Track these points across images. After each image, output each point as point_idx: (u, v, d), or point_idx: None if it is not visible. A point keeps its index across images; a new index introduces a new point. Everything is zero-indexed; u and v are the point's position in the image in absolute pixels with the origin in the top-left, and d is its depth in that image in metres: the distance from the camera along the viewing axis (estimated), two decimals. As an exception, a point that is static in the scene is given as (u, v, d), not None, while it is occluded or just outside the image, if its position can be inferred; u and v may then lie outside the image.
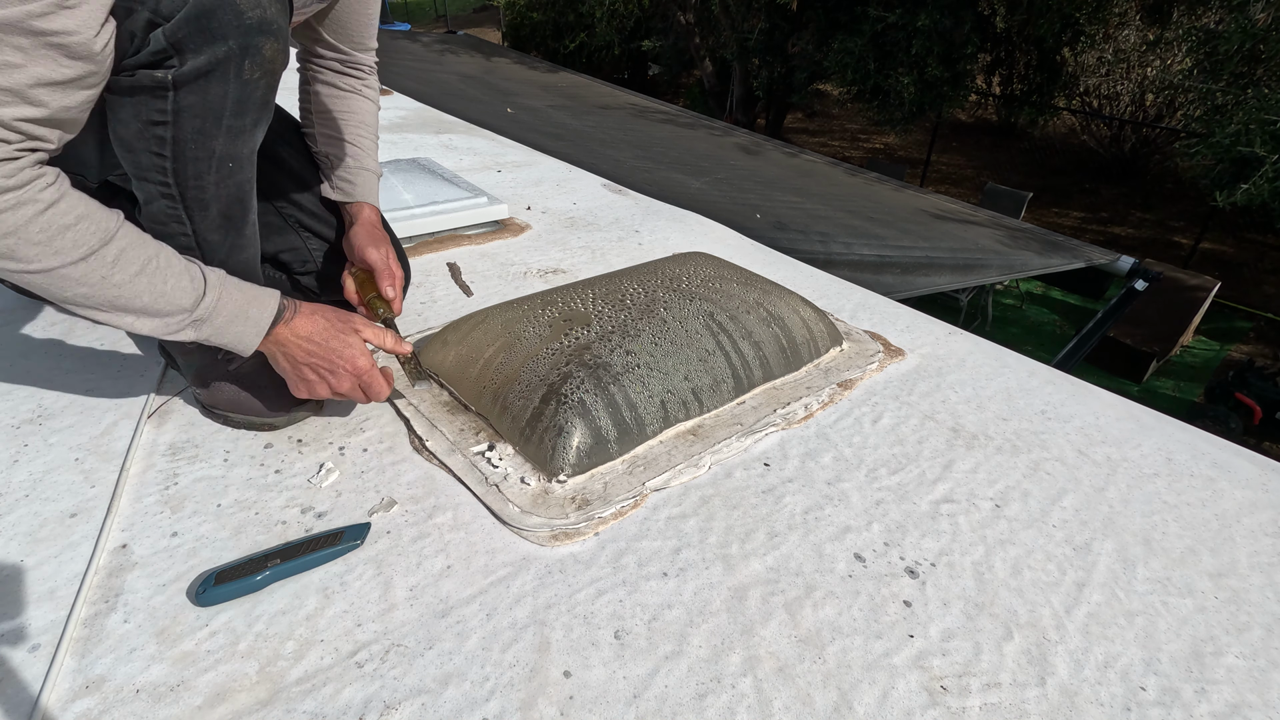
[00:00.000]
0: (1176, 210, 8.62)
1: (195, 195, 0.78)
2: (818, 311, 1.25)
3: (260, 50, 0.73)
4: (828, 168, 5.11)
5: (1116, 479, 0.99)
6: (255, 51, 0.72)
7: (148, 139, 0.73)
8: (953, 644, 0.72)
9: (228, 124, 0.75)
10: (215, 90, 0.72)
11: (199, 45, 0.68)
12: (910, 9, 7.21)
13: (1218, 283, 5.95)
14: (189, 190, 0.77)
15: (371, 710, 0.61)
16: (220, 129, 0.75)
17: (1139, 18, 8.24)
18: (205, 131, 0.74)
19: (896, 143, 10.86)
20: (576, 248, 1.67)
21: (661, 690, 0.65)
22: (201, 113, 0.72)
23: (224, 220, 0.83)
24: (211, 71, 0.70)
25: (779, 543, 0.83)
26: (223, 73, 0.71)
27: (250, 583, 0.71)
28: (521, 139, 2.79)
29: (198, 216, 0.80)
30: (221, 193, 0.80)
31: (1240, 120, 5.30)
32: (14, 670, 0.62)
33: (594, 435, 0.91)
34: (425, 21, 17.43)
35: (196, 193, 0.78)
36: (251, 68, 0.73)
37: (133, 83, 0.69)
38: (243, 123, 0.77)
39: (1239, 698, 0.69)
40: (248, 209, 0.86)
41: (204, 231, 0.82)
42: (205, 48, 0.69)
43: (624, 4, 10.29)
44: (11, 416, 0.94)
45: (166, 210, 0.79)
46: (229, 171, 0.79)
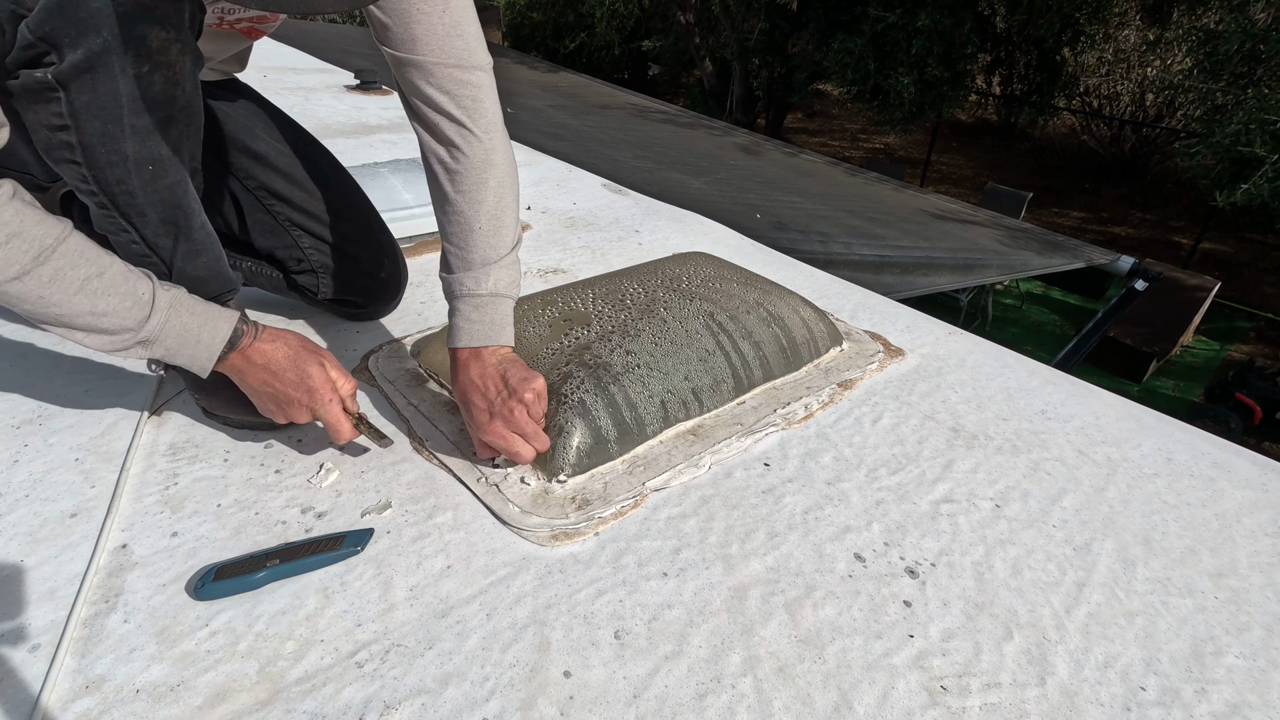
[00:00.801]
0: (1176, 210, 8.63)
1: (126, 202, 0.75)
2: (818, 311, 1.25)
3: (144, 40, 0.68)
4: (828, 168, 5.11)
5: (1116, 479, 0.99)
6: (137, 42, 0.67)
7: (58, 145, 0.70)
8: (953, 644, 0.72)
9: (130, 124, 0.71)
10: (105, 88, 0.68)
11: (73, 39, 0.65)
12: (910, 9, 7.21)
13: (1218, 283, 5.95)
14: (118, 197, 0.75)
15: (371, 710, 0.61)
16: (124, 130, 0.71)
17: (1139, 18, 8.24)
18: (110, 134, 0.70)
19: (896, 143, 10.86)
20: (576, 248, 1.67)
21: (661, 690, 0.65)
22: (99, 113, 0.69)
23: (166, 226, 0.80)
24: (94, 68, 0.66)
25: (779, 543, 0.83)
26: (106, 68, 0.67)
27: (250, 580, 0.71)
28: (521, 139, 2.79)
29: (139, 223, 0.78)
30: (154, 198, 0.77)
31: (1240, 120, 5.30)
32: (14, 670, 0.62)
33: (594, 435, 0.91)
34: (425, 21, 17.40)
35: (126, 199, 0.75)
36: (137, 61, 0.68)
37: (20, 85, 0.66)
38: (147, 121, 0.72)
39: (1239, 698, 0.69)
40: (190, 213, 0.82)
41: (152, 238, 0.80)
42: (80, 40, 0.65)
43: (624, 4, 10.29)
44: (11, 416, 0.94)
45: (107, 220, 0.77)
46: (151, 175, 0.75)
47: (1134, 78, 9.01)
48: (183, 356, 0.77)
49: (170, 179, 0.78)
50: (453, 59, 0.83)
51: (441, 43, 0.82)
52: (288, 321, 1.23)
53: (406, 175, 1.87)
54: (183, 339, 0.76)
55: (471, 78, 0.85)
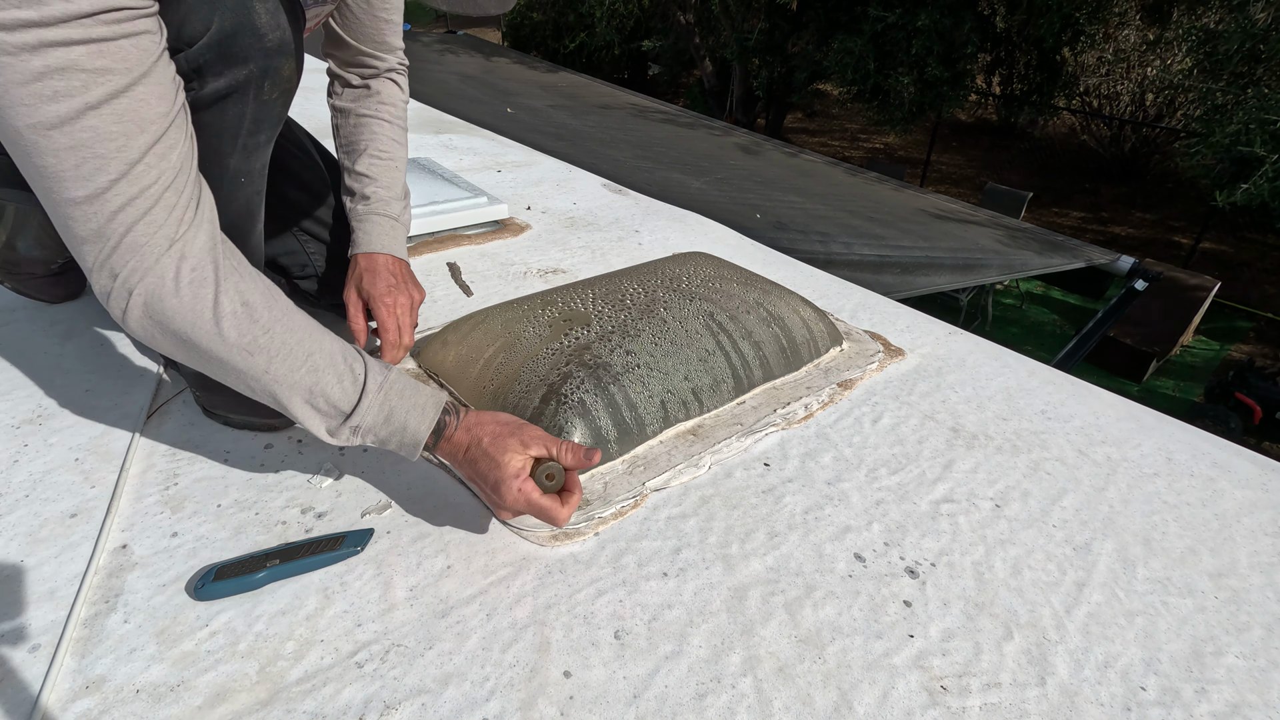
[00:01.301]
0: (1176, 210, 8.63)
1: None
2: (818, 311, 1.25)
3: (279, 71, 0.72)
4: (828, 168, 5.11)
5: (1116, 479, 0.99)
6: (275, 73, 0.72)
7: None
8: (953, 644, 0.72)
9: (243, 142, 0.75)
10: (233, 111, 0.72)
11: (220, 70, 0.68)
12: (910, 9, 7.21)
13: (1218, 283, 5.95)
14: None
15: (371, 710, 0.61)
16: (236, 147, 0.75)
17: (1139, 18, 8.24)
18: (220, 150, 0.74)
19: (896, 143, 10.86)
20: (576, 248, 1.67)
21: (661, 690, 0.65)
22: (218, 132, 0.72)
23: (231, 231, 0.80)
24: (231, 94, 0.70)
25: (779, 543, 0.83)
26: (241, 94, 0.71)
27: (250, 580, 0.71)
28: (521, 139, 2.79)
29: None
30: (231, 207, 0.79)
31: (1240, 120, 5.30)
32: (14, 670, 0.62)
33: (594, 435, 0.91)
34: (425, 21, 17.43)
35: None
36: (271, 88, 0.73)
37: None
38: (258, 140, 0.77)
39: (1239, 698, 0.69)
40: (255, 220, 0.86)
41: None
42: (226, 71, 0.68)
43: (624, 4, 10.29)
44: (11, 416, 0.94)
45: None
46: (239, 185, 0.79)
47: (1134, 78, 9.01)
48: (395, 444, 0.73)
49: (254, 188, 0.82)
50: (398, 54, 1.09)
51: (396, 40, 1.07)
52: (288, 321, 1.23)
53: (407, 175, 1.87)
54: (395, 430, 0.72)
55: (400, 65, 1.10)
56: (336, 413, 0.70)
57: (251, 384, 0.68)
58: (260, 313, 0.67)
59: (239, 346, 0.66)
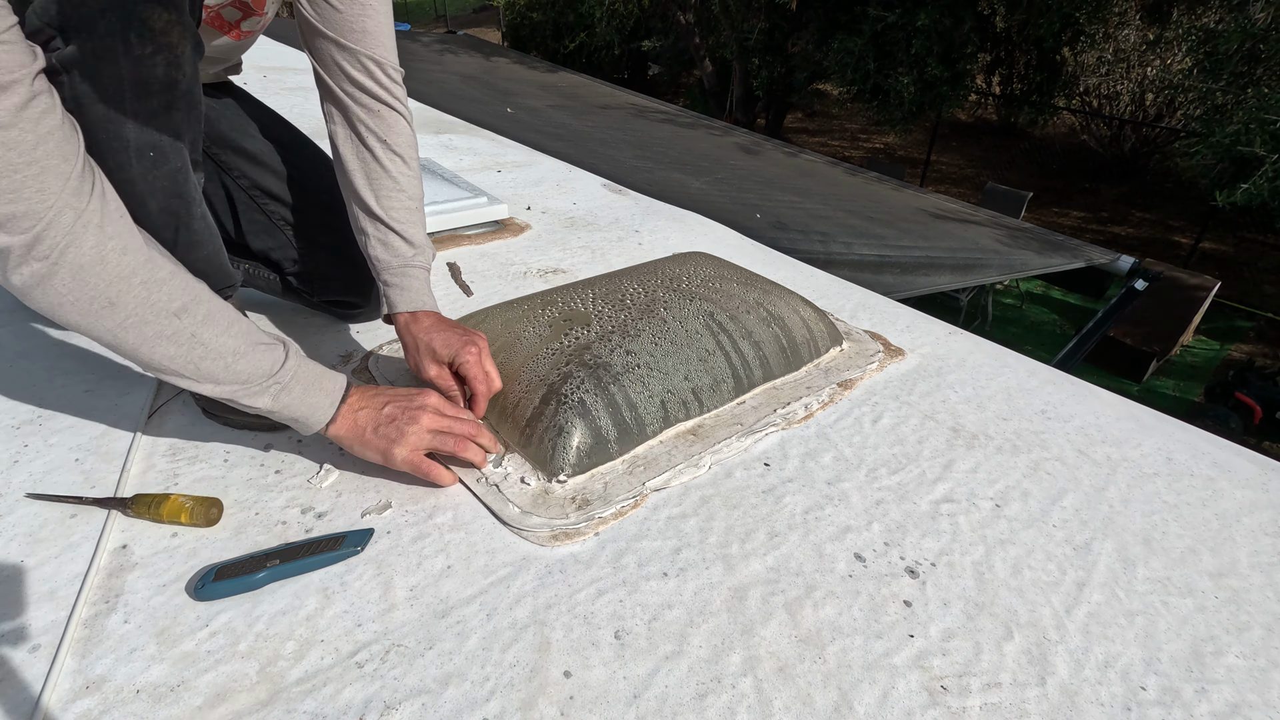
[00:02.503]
0: (1176, 210, 8.62)
1: (126, 190, 0.74)
2: (818, 311, 1.25)
3: (146, 22, 0.67)
4: (828, 168, 5.11)
5: (1116, 479, 0.99)
6: (140, 24, 0.67)
7: None
8: (953, 644, 0.72)
9: (133, 108, 0.71)
10: (107, 71, 0.68)
11: (76, 22, 0.65)
12: (910, 9, 7.21)
13: (1218, 283, 5.95)
14: (118, 185, 0.73)
15: (371, 710, 0.61)
16: (126, 113, 0.71)
17: (1139, 17, 8.24)
18: (110, 118, 0.70)
19: (896, 143, 10.86)
20: (576, 248, 1.67)
21: (662, 690, 0.65)
22: (101, 98, 0.69)
23: (166, 215, 0.80)
24: (97, 51, 0.66)
25: (779, 543, 0.83)
26: (109, 51, 0.67)
27: (250, 580, 0.71)
28: (521, 139, 2.79)
29: (139, 212, 0.76)
30: (154, 185, 0.77)
31: (1240, 120, 5.30)
32: (14, 670, 0.62)
33: (594, 435, 0.91)
34: (425, 21, 17.43)
35: (127, 187, 0.74)
36: (140, 42, 0.68)
37: None
38: (150, 105, 0.72)
39: (1239, 698, 0.69)
40: (190, 201, 0.82)
41: (152, 229, 0.79)
42: (83, 25, 0.65)
43: (624, 4, 10.29)
44: (11, 416, 0.94)
45: None
46: (152, 161, 0.75)
47: (1134, 77, 9.01)
48: (306, 404, 0.77)
49: (171, 166, 0.78)
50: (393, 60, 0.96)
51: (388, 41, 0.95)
52: (288, 322, 1.23)
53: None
54: (309, 385, 0.77)
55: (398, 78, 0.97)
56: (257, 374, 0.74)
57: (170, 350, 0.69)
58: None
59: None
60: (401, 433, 0.81)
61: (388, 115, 0.95)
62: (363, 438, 0.81)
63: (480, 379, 0.91)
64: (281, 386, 0.75)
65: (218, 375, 0.72)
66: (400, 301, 0.95)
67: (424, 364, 0.92)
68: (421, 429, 0.82)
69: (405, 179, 0.97)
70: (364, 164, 0.96)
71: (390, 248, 0.96)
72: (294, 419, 0.78)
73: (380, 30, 0.93)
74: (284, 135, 1.13)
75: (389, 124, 0.95)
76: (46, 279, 0.62)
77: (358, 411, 0.81)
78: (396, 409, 0.82)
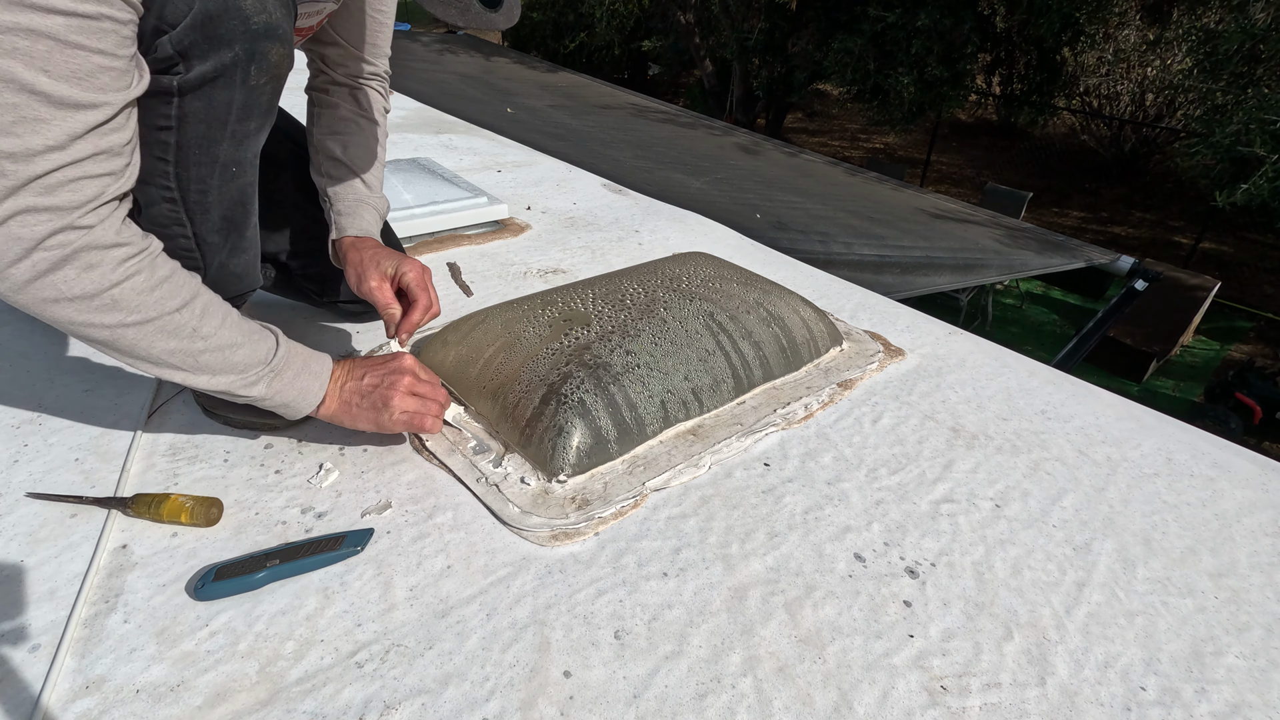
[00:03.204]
0: (1176, 210, 8.63)
1: (198, 199, 0.78)
2: (818, 311, 1.25)
3: (266, 56, 0.72)
4: (828, 168, 5.11)
5: (1116, 479, 0.99)
6: (261, 57, 0.72)
7: (151, 144, 0.72)
8: (953, 644, 0.72)
9: (232, 129, 0.75)
10: (221, 96, 0.71)
11: (205, 52, 0.68)
12: (910, 9, 7.21)
13: (1218, 283, 5.95)
14: (191, 194, 0.77)
15: (371, 710, 0.61)
16: (225, 134, 0.75)
17: (1139, 18, 8.24)
18: (210, 137, 0.74)
19: (896, 143, 10.86)
20: (576, 248, 1.67)
21: (661, 690, 0.65)
22: (207, 118, 0.72)
23: (225, 223, 0.83)
24: (218, 78, 0.70)
25: (779, 543, 0.83)
26: (228, 79, 0.71)
27: (249, 580, 0.71)
28: (521, 139, 2.79)
29: (199, 219, 0.80)
30: (224, 196, 0.80)
31: (1240, 120, 5.31)
32: (14, 670, 0.62)
33: (594, 435, 0.91)
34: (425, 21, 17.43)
35: (199, 196, 0.78)
36: (258, 73, 0.72)
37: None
38: (247, 127, 0.76)
39: (1239, 698, 0.69)
40: (249, 211, 0.86)
41: (204, 234, 0.82)
42: (211, 54, 0.68)
43: (624, 4, 10.29)
44: (11, 416, 0.94)
45: (168, 213, 0.78)
46: (232, 175, 0.79)
47: (1134, 78, 9.01)
48: (296, 388, 0.79)
49: (246, 179, 0.82)
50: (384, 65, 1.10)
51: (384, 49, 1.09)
52: (289, 321, 1.23)
53: (406, 175, 1.87)
54: (299, 369, 0.79)
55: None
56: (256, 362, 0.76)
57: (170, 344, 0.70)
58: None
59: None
60: (386, 400, 0.84)
61: (363, 92, 1.07)
62: (351, 412, 0.84)
63: (422, 288, 0.97)
64: (275, 374, 0.77)
65: (215, 367, 0.73)
66: (349, 226, 1.01)
67: (367, 275, 0.96)
68: (404, 393, 0.86)
69: (372, 136, 1.06)
70: (335, 120, 1.05)
71: (349, 185, 1.03)
72: (285, 404, 0.79)
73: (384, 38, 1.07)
74: (297, 135, 1.14)
75: (366, 98, 1.07)
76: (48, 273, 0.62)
77: (343, 388, 0.84)
78: (376, 378, 0.85)
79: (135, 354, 0.69)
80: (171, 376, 0.72)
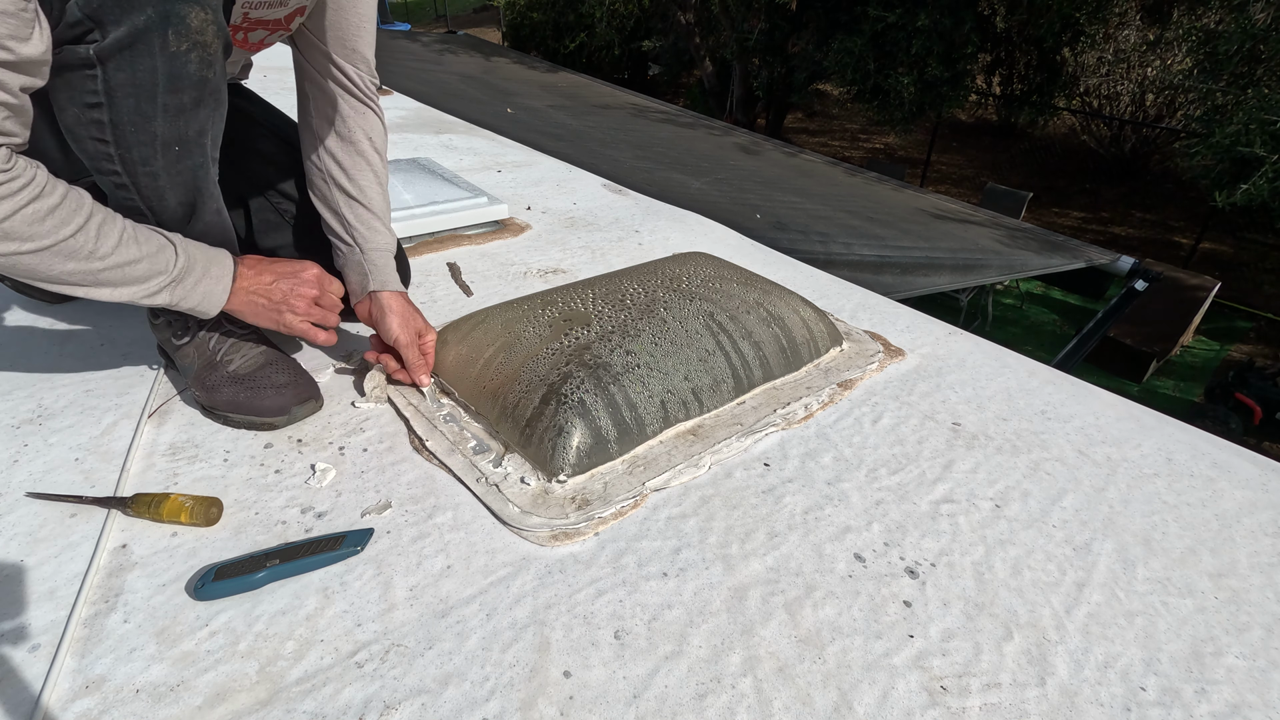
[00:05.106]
0: (1176, 210, 8.62)
1: (149, 183, 0.77)
2: (818, 311, 1.25)
3: (184, 19, 0.69)
4: (828, 168, 5.11)
5: (1116, 479, 0.99)
6: (178, 20, 0.69)
7: (87, 124, 0.72)
8: (953, 644, 0.72)
9: (164, 102, 0.73)
10: (143, 65, 0.69)
11: (117, 15, 0.66)
12: (910, 9, 7.21)
13: (1218, 283, 5.95)
14: (140, 178, 0.77)
15: (371, 710, 0.61)
16: (157, 109, 0.73)
17: (1139, 18, 8.24)
18: (142, 112, 0.72)
19: (896, 143, 10.86)
20: (576, 248, 1.67)
21: (661, 690, 0.65)
22: (134, 92, 0.70)
23: (184, 209, 0.82)
24: (135, 44, 0.68)
25: (779, 543, 0.83)
26: (146, 45, 0.68)
27: (249, 580, 0.71)
28: (521, 139, 2.79)
29: (158, 207, 0.80)
30: (176, 180, 0.79)
31: (1240, 120, 5.30)
32: (14, 670, 0.62)
33: (594, 435, 0.91)
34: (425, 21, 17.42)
35: (149, 180, 0.77)
36: (177, 39, 0.70)
37: (60, 60, 0.67)
38: (180, 100, 0.74)
39: (1239, 698, 0.69)
40: (207, 196, 0.85)
41: (168, 223, 0.82)
42: (124, 18, 0.67)
43: (624, 4, 10.29)
44: (11, 416, 0.94)
45: (125, 201, 0.79)
46: (176, 156, 0.77)
47: (1134, 78, 9.00)
48: (199, 293, 0.82)
49: (194, 161, 0.80)
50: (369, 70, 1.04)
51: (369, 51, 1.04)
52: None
53: (406, 175, 1.87)
54: (200, 275, 0.81)
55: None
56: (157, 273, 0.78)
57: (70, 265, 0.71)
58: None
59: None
60: (289, 303, 0.90)
61: (369, 115, 1.03)
62: (254, 310, 0.89)
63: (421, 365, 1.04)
64: (177, 282, 0.79)
65: (116, 281, 0.75)
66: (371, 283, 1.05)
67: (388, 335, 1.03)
68: (309, 301, 0.92)
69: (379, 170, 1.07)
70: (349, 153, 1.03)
71: (356, 232, 1.04)
72: (191, 309, 0.82)
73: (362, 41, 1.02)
74: (295, 135, 1.14)
75: (370, 121, 1.04)
76: None
77: (249, 289, 0.88)
78: (284, 283, 0.90)
79: (35, 276, 0.70)
80: (74, 292, 0.74)
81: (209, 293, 0.83)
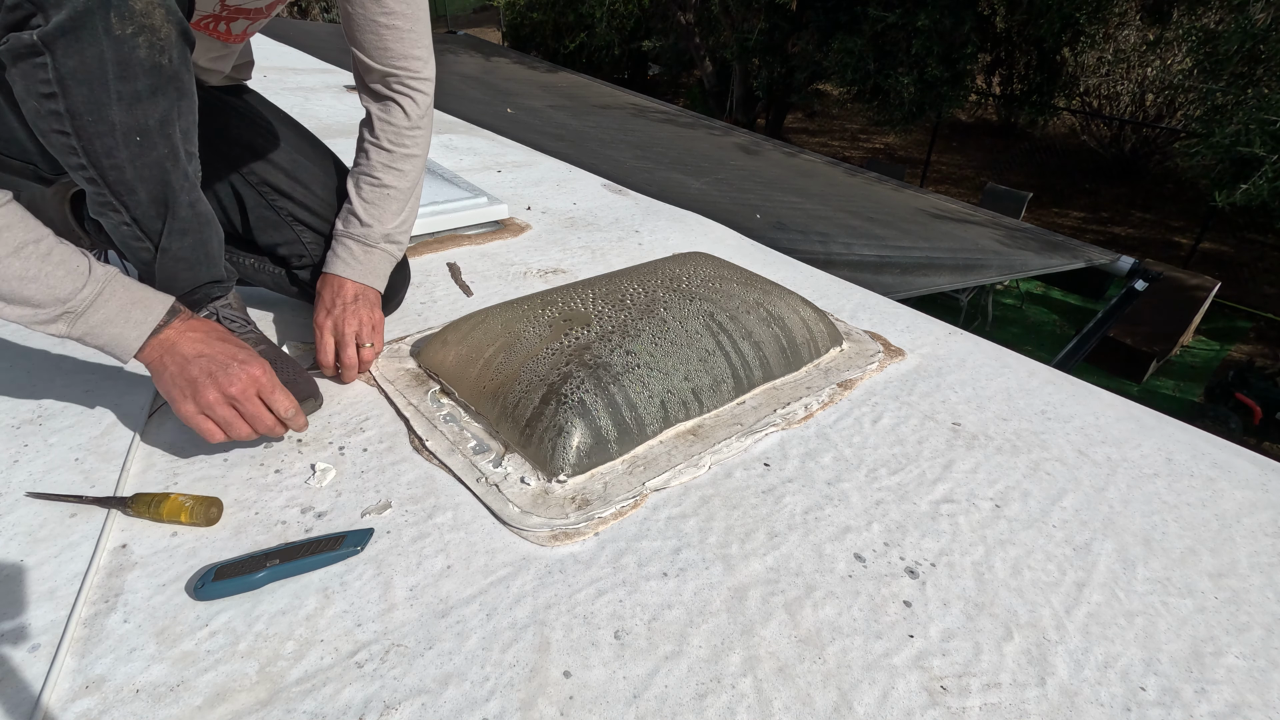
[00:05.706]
0: (1176, 210, 8.62)
1: (116, 177, 0.75)
2: (818, 311, 1.25)
3: (125, 2, 0.67)
4: (828, 168, 5.11)
5: (1116, 479, 0.99)
6: (119, 2, 0.67)
7: (46, 115, 0.70)
8: (953, 644, 0.72)
9: (117, 89, 0.70)
10: (90, 51, 0.68)
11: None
12: (910, 9, 7.21)
13: (1218, 283, 5.95)
14: (107, 171, 0.75)
15: (371, 710, 0.61)
16: (111, 96, 0.71)
17: (1139, 18, 8.24)
18: (96, 100, 0.70)
19: (896, 143, 10.86)
20: (576, 248, 1.67)
21: (661, 690, 0.65)
22: (86, 79, 0.68)
23: (158, 205, 0.80)
24: (78, 28, 0.66)
25: (779, 543, 0.83)
26: (90, 30, 0.67)
27: (249, 580, 0.71)
28: (521, 139, 2.79)
29: (129, 201, 0.78)
30: (143, 173, 0.77)
31: (1240, 120, 5.31)
32: (14, 670, 0.62)
33: (594, 435, 0.91)
34: (425, 21, 17.37)
35: (116, 174, 0.75)
36: (120, 23, 0.68)
37: (8, 49, 0.66)
38: (134, 88, 0.71)
39: (1239, 698, 0.69)
40: (177, 190, 0.82)
41: (143, 219, 0.80)
42: (64, 1, 0.65)
43: (624, 4, 10.29)
44: (11, 416, 0.94)
45: (98, 198, 0.77)
46: (140, 147, 0.75)
47: (1134, 78, 9.01)
48: (108, 334, 0.76)
49: (159, 153, 0.77)
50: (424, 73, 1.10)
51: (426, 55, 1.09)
52: (290, 321, 1.23)
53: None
54: (113, 315, 0.76)
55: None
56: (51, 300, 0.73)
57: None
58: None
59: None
60: (197, 388, 0.79)
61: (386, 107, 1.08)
62: (162, 377, 0.79)
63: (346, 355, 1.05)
64: (77, 315, 0.74)
65: (7, 295, 0.71)
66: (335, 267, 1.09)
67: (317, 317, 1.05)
68: (219, 399, 0.79)
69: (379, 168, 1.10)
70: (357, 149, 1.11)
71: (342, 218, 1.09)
72: (99, 347, 0.78)
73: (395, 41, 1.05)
74: (295, 134, 1.14)
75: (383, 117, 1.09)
76: None
77: (168, 351, 0.79)
78: (207, 361, 0.79)
79: None
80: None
81: (119, 336, 0.77)
